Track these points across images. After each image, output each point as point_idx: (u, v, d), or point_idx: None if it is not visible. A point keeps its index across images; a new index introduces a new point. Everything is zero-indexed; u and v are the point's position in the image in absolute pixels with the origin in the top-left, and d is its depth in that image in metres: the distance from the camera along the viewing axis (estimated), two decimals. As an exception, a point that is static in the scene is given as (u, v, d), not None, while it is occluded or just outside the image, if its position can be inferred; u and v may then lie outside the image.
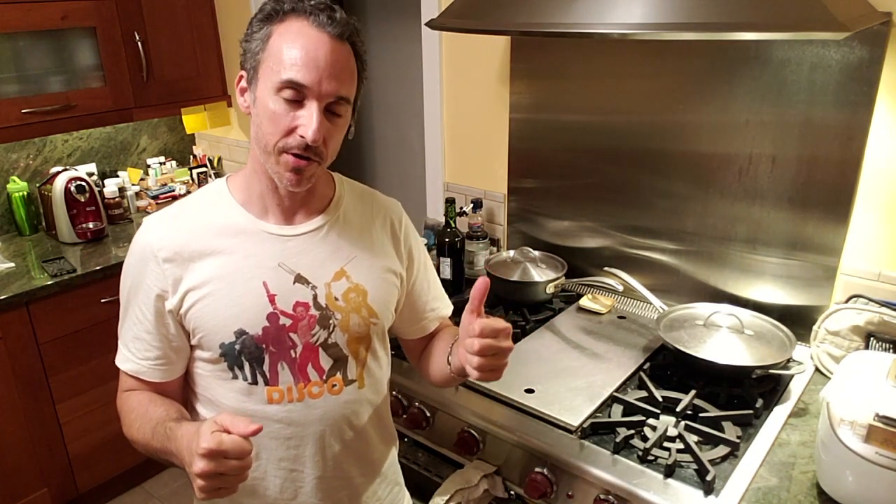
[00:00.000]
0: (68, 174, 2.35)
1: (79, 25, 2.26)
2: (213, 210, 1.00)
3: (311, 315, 1.00)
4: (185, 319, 0.98)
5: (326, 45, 0.89)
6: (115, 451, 2.36)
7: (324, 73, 0.89)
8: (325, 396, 1.02)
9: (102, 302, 2.19)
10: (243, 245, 0.98)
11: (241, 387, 1.00)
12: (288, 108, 0.90)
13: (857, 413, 1.01)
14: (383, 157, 3.10)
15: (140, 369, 1.01)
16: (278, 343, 0.98)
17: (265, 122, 0.92)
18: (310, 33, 0.89)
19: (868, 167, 1.38)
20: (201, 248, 0.97)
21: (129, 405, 1.02)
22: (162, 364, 1.01)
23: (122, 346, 1.04)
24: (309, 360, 1.01)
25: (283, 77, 0.88)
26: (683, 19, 1.03)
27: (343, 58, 0.91)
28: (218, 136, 2.98)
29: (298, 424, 1.02)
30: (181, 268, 0.97)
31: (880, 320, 1.35)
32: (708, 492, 1.09)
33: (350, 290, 1.03)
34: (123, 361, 1.04)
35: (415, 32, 2.33)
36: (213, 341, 0.97)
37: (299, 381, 1.00)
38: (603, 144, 1.74)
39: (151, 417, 0.96)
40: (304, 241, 1.01)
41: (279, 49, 0.89)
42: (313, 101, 0.90)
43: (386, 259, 1.08)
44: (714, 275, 1.64)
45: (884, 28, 1.28)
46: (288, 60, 0.88)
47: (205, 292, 0.96)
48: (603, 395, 1.34)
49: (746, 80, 1.47)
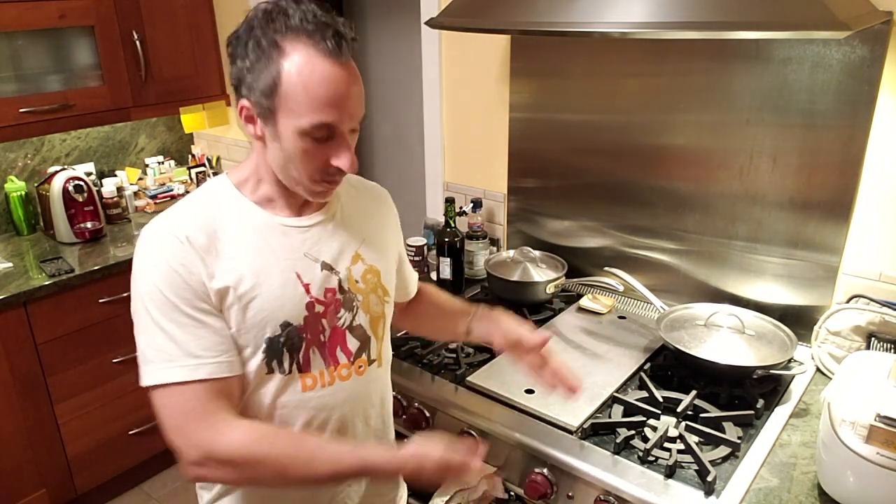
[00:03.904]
0: (66, 174, 2.34)
1: (77, 24, 2.25)
2: (228, 206, 0.99)
3: (337, 299, 1.03)
4: (225, 317, 0.95)
5: (346, 79, 0.89)
6: (113, 451, 2.35)
7: (351, 107, 0.91)
8: (354, 378, 1.05)
9: (101, 302, 2.18)
10: (267, 239, 0.99)
11: (277, 379, 0.99)
12: (318, 144, 0.91)
13: (859, 413, 1.01)
14: (383, 157, 3.10)
15: (219, 369, 0.92)
16: (313, 330, 1.00)
17: (296, 160, 0.92)
18: (325, 69, 0.87)
19: (869, 166, 1.38)
20: (227, 242, 0.95)
21: (263, 451, 0.91)
22: (233, 355, 0.95)
23: (185, 356, 0.91)
24: (337, 343, 1.03)
25: (315, 122, 0.88)
26: (684, 18, 1.02)
27: (358, 83, 0.92)
28: (216, 135, 2.97)
29: (329, 409, 1.03)
30: (215, 260, 0.94)
31: (881, 320, 1.35)
32: (709, 493, 1.09)
33: (367, 272, 1.07)
34: (195, 370, 0.91)
35: (414, 31, 2.32)
36: (260, 336, 0.96)
37: (330, 365, 1.03)
38: (603, 144, 1.74)
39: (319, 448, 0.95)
40: (318, 231, 1.03)
41: (298, 91, 0.87)
42: (341, 132, 0.92)
43: (388, 239, 1.15)
44: (715, 275, 1.64)
45: (885, 27, 1.28)
46: (314, 103, 0.87)
47: (248, 287, 0.94)
48: (603, 396, 1.34)
49: (747, 80, 1.47)
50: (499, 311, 1.20)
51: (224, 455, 0.90)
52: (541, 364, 1.16)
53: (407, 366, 1.51)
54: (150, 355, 0.92)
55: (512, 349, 1.17)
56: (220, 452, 0.90)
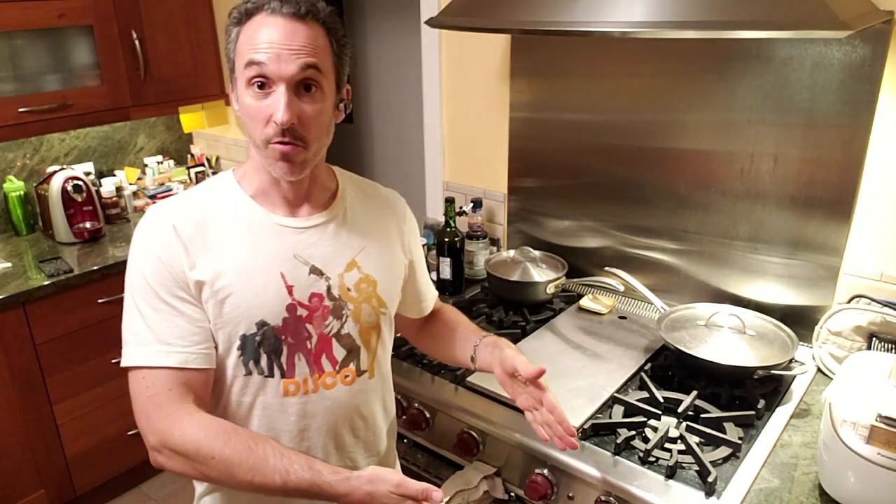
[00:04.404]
0: (65, 173, 2.34)
1: (76, 24, 2.25)
2: (225, 200, 1.00)
3: (324, 306, 1.01)
4: (204, 309, 0.96)
5: (281, 25, 0.90)
6: (112, 452, 2.35)
7: (282, 49, 0.89)
8: (339, 387, 1.04)
9: (99, 302, 2.18)
10: (258, 236, 0.99)
11: (256, 381, 0.99)
12: (260, 98, 0.91)
13: (860, 414, 1.01)
14: (383, 157, 3.10)
15: (187, 359, 0.94)
16: (296, 334, 0.99)
17: (247, 120, 0.94)
18: (266, 20, 0.91)
19: (870, 166, 1.37)
20: (216, 235, 0.97)
21: (207, 445, 0.90)
22: (207, 348, 0.96)
23: (156, 342, 0.93)
24: (323, 350, 1.02)
25: (245, 61, 0.90)
26: (685, 18, 1.02)
27: (303, 33, 0.91)
28: (216, 134, 2.97)
29: (312, 416, 1.02)
30: (201, 251, 0.95)
31: (883, 321, 1.34)
32: (709, 493, 1.09)
33: (361, 281, 1.05)
34: (164, 356, 0.93)
35: (414, 31, 2.32)
36: (234, 333, 0.96)
37: (314, 373, 1.01)
38: (604, 143, 1.74)
39: (266, 453, 0.90)
40: (315, 234, 1.02)
41: (243, 43, 0.92)
42: (280, 84, 0.90)
43: (392, 249, 1.12)
44: (715, 275, 1.63)
45: (886, 27, 1.28)
46: (249, 49, 0.90)
47: (225, 282, 0.95)
48: (604, 396, 1.33)
49: (748, 79, 1.46)
50: (504, 340, 1.14)
51: (178, 445, 0.90)
52: (534, 405, 1.07)
53: (407, 366, 1.50)
54: (128, 337, 0.95)
55: (508, 380, 1.10)
56: (174, 442, 0.90)
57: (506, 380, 1.10)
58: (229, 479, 0.90)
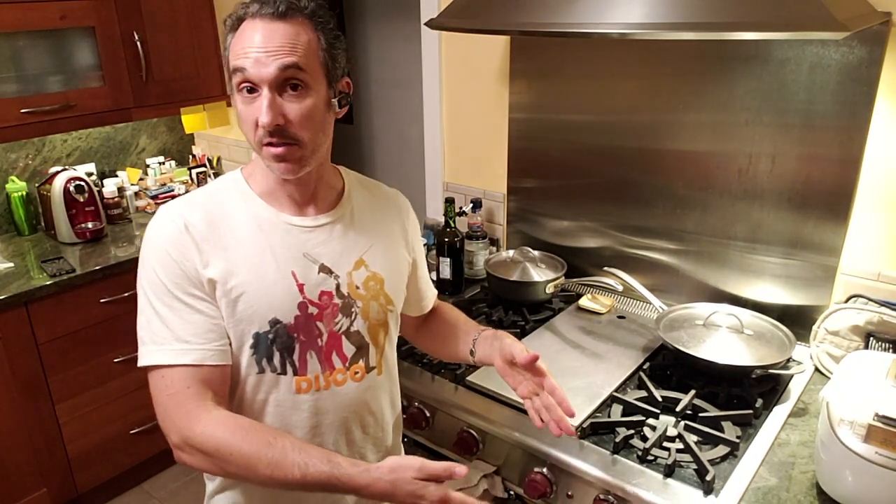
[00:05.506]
0: (67, 174, 2.35)
1: (78, 25, 2.26)
2: (235, 200, 1.01)
3: (334, 304, 1.02)
4: (218, 306, 0.96)
5: (260, 28, 0.91)
6: (114, 451, 2.36)
7: (259, 53, 0.90)
8: (349, 383, 1.05)
9: (102, 302, 2.18)
10: (268, 236, 1.00)
11: (269, 378, 1.00)
12: (248, 103, 0.93)
13: (857, 413, 1.01)
14: (383, 157, 3.11)
15: (204, 356, 0.94)
16: (308, 332, 1.00)
17: (241, 125, 0.96)
18: (249, 26, 0.92)
19: (867, 167, 1.38)
20: (227, 234, 0.97)
21: (229, 441, 0.91)
22: (223, 344, 0.96)
23: (173, 340, 0.93)
24: (334, 348, 1.03)
25: (232, 69, 0.92)
26: (683, 19, 1.03)
27: (281, 33, 0.91)
28: (217, 135, 2.98)
29: (323, 413, 1.04)
30: (212, 249, 0.96)
31: (880, 320, 1.35)
32: (707, 492, 1.09)
33: (369, 279, 1.06)
34: (181, 354, 0.93)
35: (414, 32, 2.32)
36: (247, 331, 0.97)
37: (326, 370, 1.03)
38: (603, 144, 1.74)
39: (286, 447, 0.90)
40: (323, 232, 1.03)
41: (232, 51, 0.93)
42: (263, 86, 0.91)
43: (397, 247, 1.13)
44: (714, 275, 1.64)
45: (883, 28, 1.28)
46: (234, 56, 0.92)
47: (238, 281, 0.96)
48: (602, 395, 1.34)
49: (746, 80, 1.47)
50: (504, 332, 1.14)
51: (199, 443, 0.91)
52: (534, 392, 1.07)
53: (407, 365, 1.51)
54: (144, 336, 0.95)
55: (509, 369, 1.10)
56: (195, 440, 0.91)
57: (506, 369, 1.10)
58: (250, 473, 0.91)
